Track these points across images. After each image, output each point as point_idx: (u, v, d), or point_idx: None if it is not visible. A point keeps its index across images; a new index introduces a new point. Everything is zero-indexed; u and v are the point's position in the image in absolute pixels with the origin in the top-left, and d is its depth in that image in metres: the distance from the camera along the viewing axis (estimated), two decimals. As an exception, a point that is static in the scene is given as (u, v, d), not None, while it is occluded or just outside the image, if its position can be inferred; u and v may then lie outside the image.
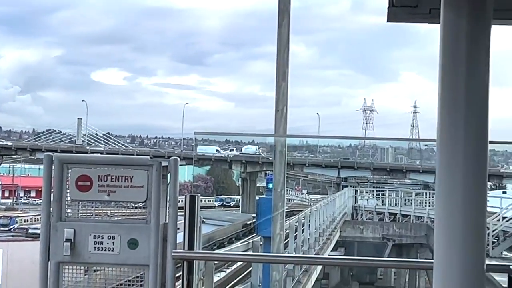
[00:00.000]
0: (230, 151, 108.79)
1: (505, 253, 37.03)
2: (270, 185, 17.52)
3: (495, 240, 36.85)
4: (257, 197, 26.42)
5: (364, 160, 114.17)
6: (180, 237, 5.92)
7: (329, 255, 32.12)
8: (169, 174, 5.93)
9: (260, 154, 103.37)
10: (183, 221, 5.81)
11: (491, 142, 4.26)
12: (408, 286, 51.92)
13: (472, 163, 4.10)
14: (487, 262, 4.35)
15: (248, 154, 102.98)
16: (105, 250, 5.96)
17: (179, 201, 5.86)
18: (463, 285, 4.11)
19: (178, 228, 5.92)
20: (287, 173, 17.17)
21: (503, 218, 38.45)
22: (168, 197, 5.90)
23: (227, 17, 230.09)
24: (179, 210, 5.82)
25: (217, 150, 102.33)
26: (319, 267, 29.59)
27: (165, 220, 5.91)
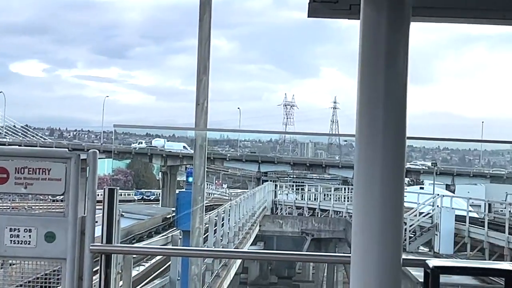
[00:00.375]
0: (139, 144, 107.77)
1: (421, 248, 37.64)
2: (190, 179, 17.48)
3: (412, 235, 37.42)
4: (177, 191, 26.42)
5: (284, 155, 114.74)
6: (98, 231, 5.85)
7: (248, 249, 32.21)
8: (88, 167, 5.86)
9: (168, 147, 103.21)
10: (101, 214, 5.75)
11: (409, 138, 4.31)
12: (326, 280, 52.37)
13: (390, 159, 4.15)
14: (403, 256, 4.41)
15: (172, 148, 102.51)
16: (21, 243, 5.85)
17: (98, 195, 5.79)
18: (380, 279, 4.15)
19: (97, 222, 5.85)
20: (207, 167, 17.15)
21: (420, 213, 39.07)
22: (87, 190, 5.83)
23: (148, 10, 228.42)
24: (97, 204, 5.75)
25: (184, 147, 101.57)
26: (238, 261, 29.64)
27: (84, 214, 5.84)
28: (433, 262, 4.59)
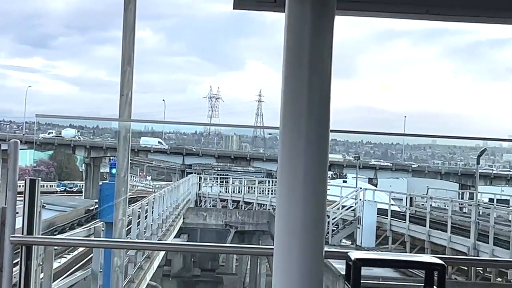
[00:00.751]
0: (48, 134, 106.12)
1: (344, 240, 38.04)
2: (114, 171, 17.33)
3: (335, 228, 37.79)
4: (100, 183, 26.16)
5: (209, 148, 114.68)
6: (19, 222, 5.76)
7: (171, 241, 32.11)
8: (9, 158, 5.76)
9: (79, 138, 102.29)
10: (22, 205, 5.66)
11: (333, 131, 4.34)
12: (249, 273, 52.55)
13: (313, 152, 4.17)
14: (326, 249, 4.44)
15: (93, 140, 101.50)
16: None
17: (19, 186, 5.70)
18: (302, 271, 4.17)
19: (17, 213, 5.76)
20: (131, 159, 17.05)
21: (343, 206, 39.48)
22: (8, 181, 5.73)
23: (73, 0, 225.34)
24: (19, 195, 5.66)
25: (159, 142, 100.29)
26: (161, 254, 29.55)
27: (4, 204, 5.74)
28: (354, 255, 4.64)
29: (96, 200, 36.16)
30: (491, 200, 51.43)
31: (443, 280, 4.56)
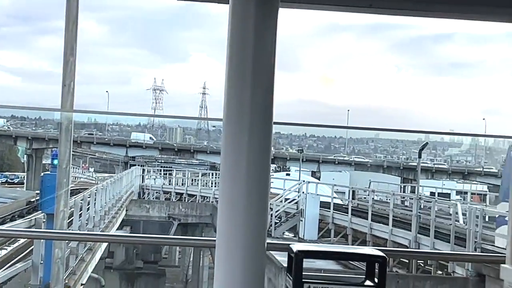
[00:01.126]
0: None
1: (286, 233, 38.19)
2: (55, 162, 17.15)
3: (278, 221, 37.91)
4: (42, 174, 25.96)
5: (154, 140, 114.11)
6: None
7: (114, 233, 31.92)
8: None
9: (9, 127, 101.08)
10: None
11: (276, 123, 4.35)
12: (192, 265, 52.50)
13: (256, 145, 4.17)
14: (269, 241, 4.45)
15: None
16: None
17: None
18: (244, 263, 4.18)
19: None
20: (74, 151, 16.89)
21: (286, 199, 39.61)
22: None
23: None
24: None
25: (150, 138, 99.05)
26: (104, 246, 29.37)
27: None
28: (296, 247, 4.65)
29: (38, 192, 35.80)
30: (432, 193, 52.04)
31: (384, 272, 4.60)
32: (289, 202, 39.45)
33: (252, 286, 4.23)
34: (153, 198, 58.23)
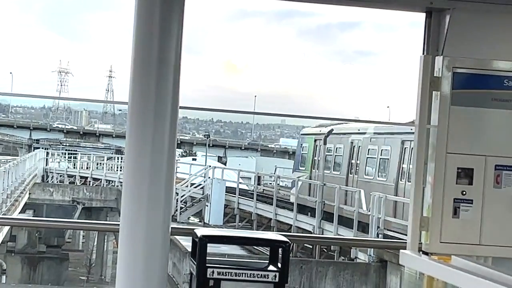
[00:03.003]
0: None
1: (192, 218, 38.18)
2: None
3: (183, 206, 37.88)
4: None
5: (57, 123, 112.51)
6: None
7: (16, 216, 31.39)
8: None
9: None
10: None
11: (182, 108, 4.33)
12: (96, 250, 52.05)
13: (162, 129, 4.15)
14: (174, 226, 4.44)
15: None
16: None
17: None
18: (148, 248, 4.16)
19: None
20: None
21: (192, 184, 39.60)
22: None
23: None
24: None
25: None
26: (5, 229, 28.89)
27: None
28: (201, 231, 4.65)
29: None
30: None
31: (287, 257, 4.63)
32: (195, 187, 39.44)
33: (155, 271, 4.21)
34: (57, 182, 57.46)
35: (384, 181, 28.46)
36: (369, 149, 30.37)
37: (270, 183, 47.17)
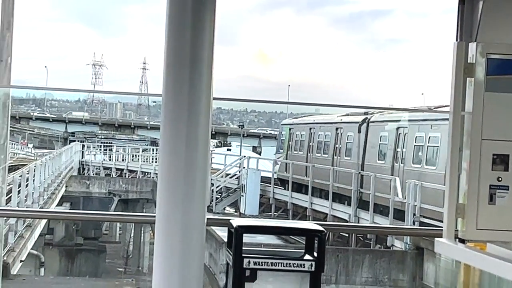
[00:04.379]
0: None
1: (227, 208, 38.26)
2: (-7, 138, 16.92)
3: (219, 196, 37.95)
4: (-21, 150, 25.47)
5: (93, 115, 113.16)
6: None
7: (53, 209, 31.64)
8: None
9: None
10: None
11: (215, 99, 4.34)
12: (133, 241, 52.35)
13: (195, 120, 4.16)
14: (209, 216, 4.46)
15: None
16: None
17: None
18: (184, 238, 4.18)
19: None
20: (12, 127, 16.68)
21: (227, 175, 39.67)
22: None
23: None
24: None
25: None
26: (43, 222, 29.13)
27: None
28: (236, 222, 4.67)
29: (-25, 168, 35.27)
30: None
31: (323, 246, 4.64)
32: (230, 178, 39.51)
33: (192, 261, 4.23)
34: (93, 174, 57.82)
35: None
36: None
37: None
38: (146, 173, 53.67)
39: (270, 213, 36.22)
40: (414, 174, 26.58)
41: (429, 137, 27.05)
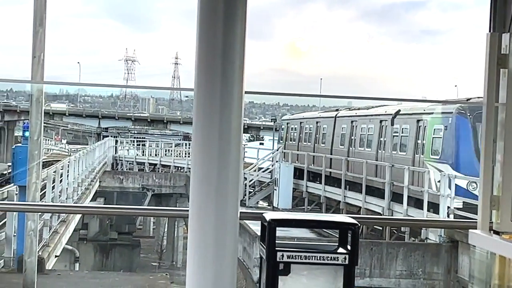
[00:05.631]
0: None
1: (261, 202, 38.31)
2: (27, 134, 17.05)
3: (252, 190, 38.02)
4: (13, 146, 25.68)
5: (126, 110, 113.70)
6: None
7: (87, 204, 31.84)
8: None
9: None
10: None
11: (247, 93, 4.34)
12: (167, 236, 52.59)
13: (228, 113, 4.16)
14: (242, 210, 4.46)
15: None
16: None
17: None
18: (217, 233, 4.18)
19: None
20: (46, 122, 16.79)
21: (260, 169, 39.72)
22: None
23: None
24: None
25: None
26: (77, 217, 29.32)
27: None
28: (269, 215, 4.67)
29: (10, 164, 35.60)
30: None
31: (357, 239, 4.63)
32: (263, 171, 39.56)
33: (225, 255, 4.24)
34: (126, 169, 58.15)
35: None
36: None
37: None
38: (180, 168, 53.88)
39: (303, 207, 36.21)
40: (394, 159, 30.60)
41: (402, 128, 31.56)
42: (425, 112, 30.14)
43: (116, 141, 67.29)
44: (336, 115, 40.17)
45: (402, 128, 31.83)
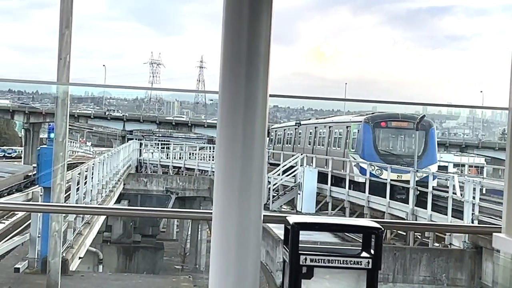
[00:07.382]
0: None
1: (284, 206, 38.26)
2: (52, 135, 17.15)
3: (275, 194, 37.99)
4: (39, 148, 25.77)
5: (150, 113, 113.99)
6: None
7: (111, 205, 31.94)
8: None
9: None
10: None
11: (272, 96, 4.34)
12: (190, 239, 52.67)
13: (252, 117, 4.17)
14: (265, 213, 4.46)
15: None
16: None
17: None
18: (240, 236, 4.19)
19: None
20: (71, 125, 16.88)
21: (284, 172, 39.68)
22: None
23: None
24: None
25: None
26: (101, 219, 29.43)
27: None
28: (293, 219, 4.67)
29: (35, 165, 35.82)
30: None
31: (380, 244, 4.61)
32: (286, 175, 39.52)
33: (248, 259, 4.24)
34: (151, 172, 58.29)
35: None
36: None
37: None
38: (204, 171, 53.94)
39: (326, 211, 36.15)
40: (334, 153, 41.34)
41: (339, 132, 42.96)
42: (351, 121, 41.62)
43: (141, 144, 67.45)
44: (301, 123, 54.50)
45: (339, 132, 42.90)
